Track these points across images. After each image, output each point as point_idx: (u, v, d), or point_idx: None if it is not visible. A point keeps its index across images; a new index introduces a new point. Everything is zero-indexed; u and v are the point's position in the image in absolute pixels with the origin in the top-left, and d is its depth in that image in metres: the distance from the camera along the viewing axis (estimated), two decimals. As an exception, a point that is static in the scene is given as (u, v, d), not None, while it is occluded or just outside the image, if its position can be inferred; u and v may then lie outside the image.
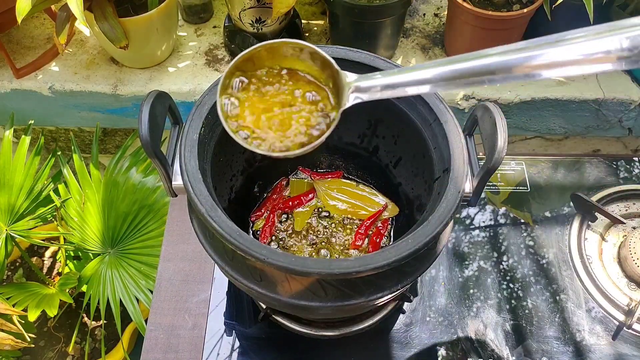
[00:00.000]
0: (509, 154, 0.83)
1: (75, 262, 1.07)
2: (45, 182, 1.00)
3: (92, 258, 0.97)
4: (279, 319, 0.65)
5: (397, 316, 0.68)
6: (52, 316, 0.93)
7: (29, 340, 0.90)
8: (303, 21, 1.06)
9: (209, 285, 0.70)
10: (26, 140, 0.98)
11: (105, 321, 0.96)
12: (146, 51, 0.97)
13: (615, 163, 0.82)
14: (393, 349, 0.65)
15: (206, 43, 1.06)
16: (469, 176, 0.47)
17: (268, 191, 0.69)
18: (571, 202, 0.78)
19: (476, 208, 0.78)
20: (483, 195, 0.75)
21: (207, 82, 0.98)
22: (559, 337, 0.66)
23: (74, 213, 0.96)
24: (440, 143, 0.49)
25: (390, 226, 0.65)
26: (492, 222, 0.77)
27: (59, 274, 1.10)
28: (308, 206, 0.67)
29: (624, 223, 0.74)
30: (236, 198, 0.62)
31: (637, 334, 0.66)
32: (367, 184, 0.68)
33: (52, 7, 1.02)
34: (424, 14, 1.11)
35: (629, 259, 0.69)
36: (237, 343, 0.66)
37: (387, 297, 0.47)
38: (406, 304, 0.69)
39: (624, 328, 0.67)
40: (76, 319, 1.07)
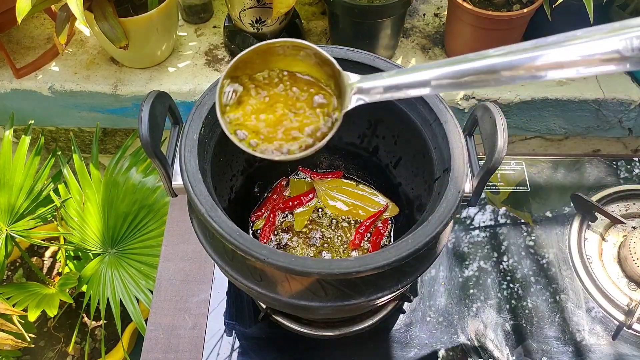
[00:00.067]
0: (509, 154, 0.82)
1: (75, 262, 1.07)
2: (45, 182, 1.00)
3: (92, 258, 0.97)
4: (279, 319, 0.65)
5: (397, 316, 0.68)
6: (52, 316, 0.93)
7: (29, 340, 0.89)
8: (303, 21, 1.06)
9: (209, 285, 0.70)
10: (26, 140, 0.98)
11: (105, 321, 0.96)
12: (146, 51, 0.97)
13: (615, 163, 0.82)
14: (393, 349, 0.65)
15: (206, 43, 1.06)
16: (469, 176, 0.47)
17: (268, 191, 0.69)
18: (571, 202, 0.78)
19: (476, 208, 0.78)
20: (483, 195, 0.75)
21: (207, 82, 0.98)
22: (559, 337, 0.66)
23: (74, 213, 0.96)
24: (440, 143, 0.49)
25: (390, 226, 0.65)
26: (492, 222, 0.77)
27: (59, 274, 1.10)
28: (308, 206, 0.67)
29: (624, 223, 0.74)
30: (236, 198, 0.62)
31: (637, 334, 0.66)
32: (367, 184, 0.68)
33: (52, 7, 1.02)
34: (424, 14, 1.11)
35: (629, 259, 0.69)
36: (237, 343, 0.66)
37: (387, 297, 0.47)
38: (406, 304, 0.69)
39: (624, 328, 0.67)
40: (76, 319, 1.07)
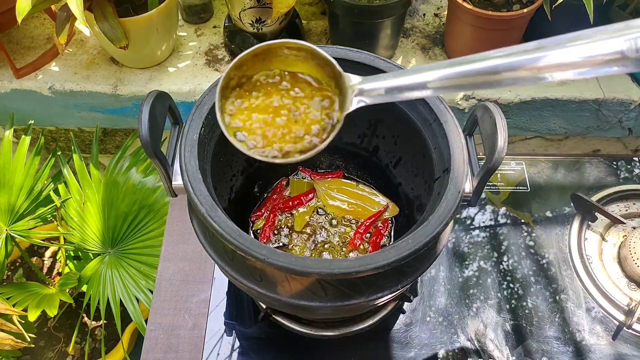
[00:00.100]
0: (509, 154, 0.82)
1: (75, 262, 1.07)
2: (45, 182, 1.00)
3: (92, 258, 0.97)
4: (279, 319, 0.65)
5: (397, 316, 0.68)
6: (52, 316, 0.93)
7: (29, 340, 0.89)
8: (303, 21, 1.06)
9: (209, 285, 0.70)
10: (26, 140, 0.98)
11: (105, 321, 0.96)
12: (146, 51, 0.97)
13: (615, 163, 0.82)
14: (393, 349, 0.65)
15: (206, 43, 1.06)
16: (469, 176, 0.47)
17: (268, 191, 0.69)
18: (571, 202, 0.78)
19: (476, 208, 0.78)
20: (483, 195, 0.75)
21: (207, 82, 0.98)
22: (559, 337, 0.66)
23: (74, 213, 0.96)
24: (440, 143, 0.49)
25: (390, 226, 0.65)
26: (492, 222, 0.77)
27: (59, 274, 1.10)
28: (308, 206, 0.67)
29: (624, 223, 0.74)
30: (236, 198, 0.62)
31: (637, 334, 0.66)
32: (367, 184, 0.68)
33: (52, 7, 1.02)
34: (424, 14, 1.11)
35: (629, 259, 0.69)
36: (237, 343, 0.66)
37: (387, 297, 0.47)
38: (406, 304, 0.69)
39: (624, 328, 0.67)
40: (76, 319, 1.07)
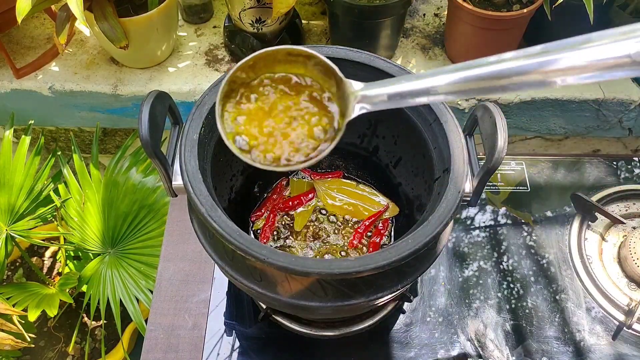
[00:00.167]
0: (509, 154, 0.82)
1: (75, 262, 1.07)
2: (45, 182, 1.00)
3: (92, 258, 0.97)
4: (279, 319, 0.65)
5: (397, 316, 0.68)
6: (52, 316, 0.93)
7: (29, 340, 0.89)
8: (303, 21, 1.06)
9: (209, 285, 0.70)
10: (26, 140, 0.98)
11: (105, 321, 0.96)
12: (146, 51, 0.97)
13: (615, 163, 0.82)
14: (393, 349, 0.65)
15: (206, 43, 1.06)
16: (469, 176, 0.47)
17: (268, 191, 0.69)
18: (571, 202, 0.78)
19: (476, 208, 0.78)
20: (483, 195, 0.75)
21: (207, 82, 0.98)
22: (559, 337, 0.66)
23: (74, 213, 0.96)
24: (440, 143, 0.49)
25: (390, 226, 0.65)
26: (492, 222, 0.77)
27: (59, 274, 1.10)
28: (308, 206, 0.67)
29: (624, 223, 0.74)
30: (236, 198, 0.62)
31: (637, 334, 0.66)
32: (367, 184, 0.68)
33: (52, 7, 1.02)
34: (424, 14, 1.11)
35: (629, 259, 0.69)
36: (237, 343, 0.66)
37: (387, 297, 0.47)
38: (406, 304, 0.69)
39: (624, 328, 0.67)
40: (76, 319, 1.07)
